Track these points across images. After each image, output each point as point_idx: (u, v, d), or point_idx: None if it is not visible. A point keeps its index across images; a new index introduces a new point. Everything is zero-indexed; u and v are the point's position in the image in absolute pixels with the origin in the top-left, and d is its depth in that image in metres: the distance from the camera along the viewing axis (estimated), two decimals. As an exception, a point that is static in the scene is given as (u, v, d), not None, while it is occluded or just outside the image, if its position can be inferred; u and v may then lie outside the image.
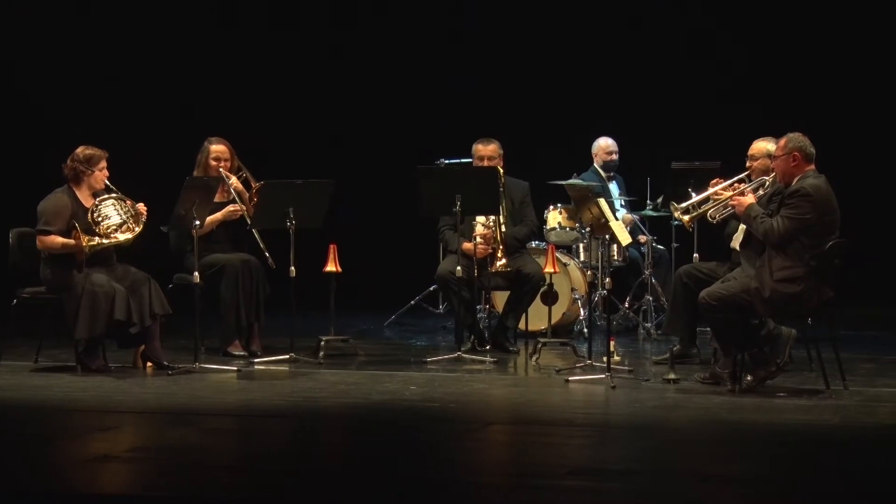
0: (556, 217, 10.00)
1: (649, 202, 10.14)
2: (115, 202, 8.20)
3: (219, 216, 8.86)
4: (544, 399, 7.57)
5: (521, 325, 9.31)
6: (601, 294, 9.92)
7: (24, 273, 8.40)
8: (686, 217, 8.16)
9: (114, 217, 8.17)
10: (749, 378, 7.44)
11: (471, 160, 9.47)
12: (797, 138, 7.48)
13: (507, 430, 6.87)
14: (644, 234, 10.27)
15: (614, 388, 7.63)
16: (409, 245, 11.13)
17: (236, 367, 8.31)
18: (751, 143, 8.22)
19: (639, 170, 10.44)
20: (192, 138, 9.16)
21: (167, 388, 7.70)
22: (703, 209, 8.10)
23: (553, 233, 10.00)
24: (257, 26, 12.46)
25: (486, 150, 9.25)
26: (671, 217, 9.14)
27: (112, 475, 5.65)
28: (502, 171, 9.04)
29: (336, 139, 12.34)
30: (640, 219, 10.37)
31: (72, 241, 8.05)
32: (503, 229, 9.03)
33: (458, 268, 8.85)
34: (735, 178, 8.12)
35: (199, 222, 8.29)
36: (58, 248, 8.11)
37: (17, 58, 12.16)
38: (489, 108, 11.61)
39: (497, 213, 8.95)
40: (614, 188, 10.57)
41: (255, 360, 8.58)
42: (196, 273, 8.26)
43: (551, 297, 9.24)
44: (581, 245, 10.09)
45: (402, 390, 7.64)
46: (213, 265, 8.71)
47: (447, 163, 10.29)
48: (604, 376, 7.83)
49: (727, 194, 7.96)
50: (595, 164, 10.60)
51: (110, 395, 7.45)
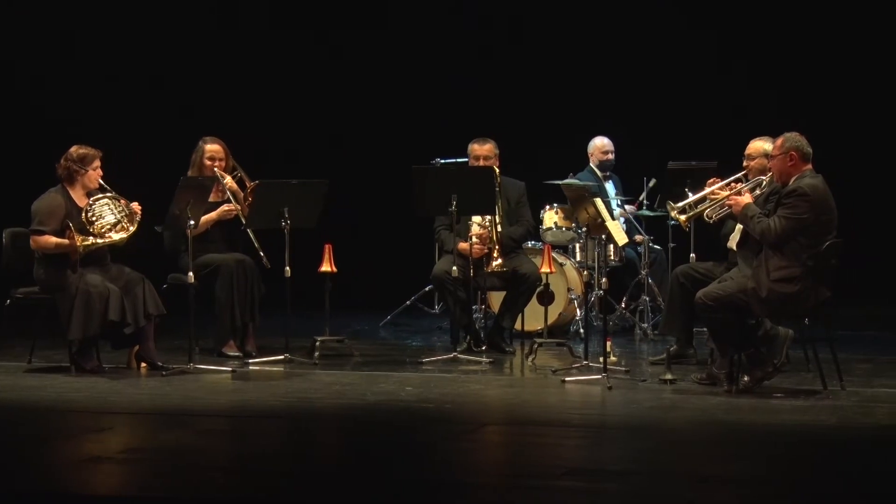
0: (552, 217, 9.97)
1: (647, 189, 10.13)
2: (110, 202, 8.17)
3: (213, 216, 8.83)
4: (540, 400, 7.55)
5: (518, 326, 9.30)
6: (597, 294, 9.86)
7: (17, 273, 8.39)
8: (683, 217, 8.16)
9: (108, 217, 8.14)
10: (746, 378, 7.43)
11: (466, 160, 9.44)
12: (794, 138, 7.46)
13: (504, 430, 6.86)
14: (640, 234, 10.25)
15: (611, 388, 7.62)
16: (404, 245, 11.11)
17: (231, 368, 8.29)
18: (748, 143, 8.20)
19: (636, 169, 10.41)
20: (186, 138, 9.13)
21: (161, 388, 7.69)
22: (699, 209, 8.10)
23: (549, 233, 9.97)
24: (255, 26, 12.42)
25: (482, 150, 9.23)
26: (668, 217, 9.12)
27: (106, 476, 5.64)
28: (498, 170, 9.02)
29: (331, 139, 12.31)
30: (636, 217, 10.34)
31: (66, 241, 8.02)
32: (499, 229, 9.01)
33: (454, 268, 8.82)
34: (732, 178, 8.10)
35: (193, 222, 8.26)
36: (52, 248, 8.09)
37: (16, 58, 12.11)
38: (485, 107, 11.58)
39: (493, 213, 8.93)
40: (610, 188, 10.54)
41: (250, 361, 8.55)
42: (190, 273, 8.25)
43: (547, 298, 9.22)
44: (577, 245, 10.06)
45: (398, 391, 7.62)
46: (208, 265, 8.69)
47: (443, 162, 10.27)
48: (600, 377, 7.81)
49: (724, 194, 7.95)
50: (591, 164, 10.58)
51: (104, 396, 7.44)
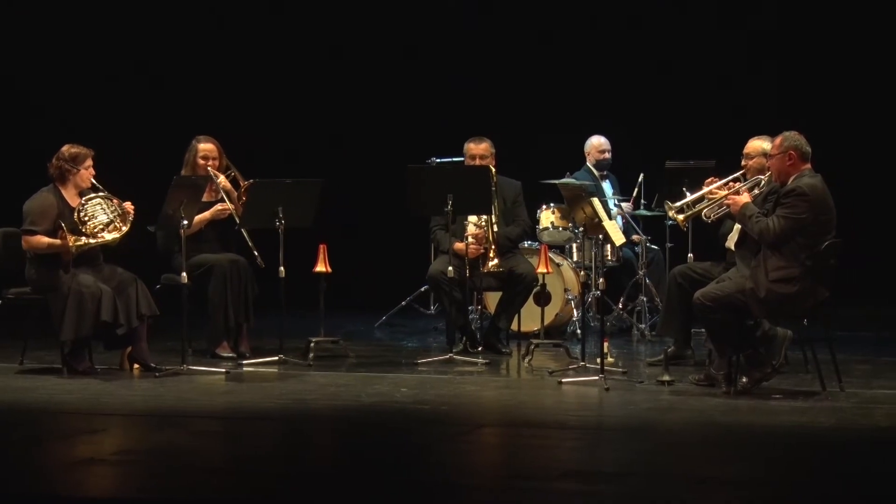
0: (548, 217, 9.94)
1: (638, 185, 10.07)
2: (102, 201, 8.12)
3: (207, 215, 8.80)
4: (537, 401, 7.52)
5: (514, 327, 9.27)
6: (595, 295, 9.88)
7: (9, 273, 8.37)
8: (681, 216, 8.12)
9: (100, 216, 8.09)
10: (744, 380, 7.40)
11: (462, 159, 9.41)
12: (793, 137, 7.42)
13: (500, 432, 6.83)
14: (638, 234, 10.21)
15: (608, 389, 7.58)
16: (400, 245, 11.08)
17: (224, 369, 8.26)
18: (746, 142, 8.17)
19: (633, 169, 10.37)
20: (180, 136, 9.09)
21: (154, 390, 7.65)
22: (697, 208, 8.06)
23: (546, 233, 9.94)
24: (251, 24, 12.39)
25: (478, 149, 9.19)
26: (665, 216, 9.09)
27: (99, 478, 5.61)
28: (494, 170, 8.99)
29: (326, 139, 12.29)
30: (634, 217, 10.30)
31: (58, 241, 7.98)
32: (495, 229, 8.99)
33: (450, 268, 8.78)
34: (730, 177, 8.07)
35: (186, 222, 8.22)
36: (44, 249, 8.05)
37: (4, 56, 12.07)
38: (481, 106, 11.56)
39: (489, 213, 8.90)
40: (607, 187, 10.51)
41: (244, 362, 8.52)
42: (184, 273, 8.20)
43: (544, 298, 9.18)
44: (574, 245, 10.04)
45: (393, 392, 7.59)
46: (201, 265, 8.64)
47: (438, 161, 10.23)
48: (597, 378, 7.78)
49: (722, 193, 7.92)
50: (588, 163, 10.55)
51: (97, 398, 7.41)
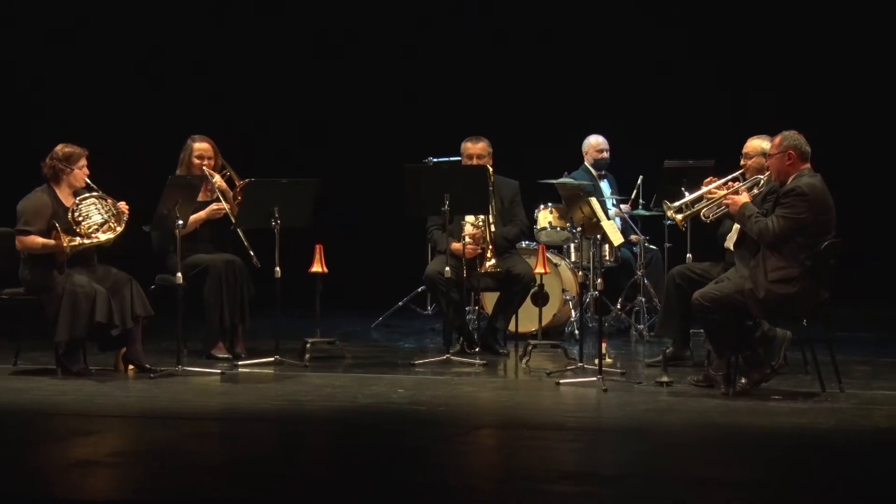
0: (546, 217, 9.92)
1: (637, 187, 10.04)
2: (97, 201, 8.09)
3: (202, 215, 8.77)
4: (534, 402, 7.50)
5: (511, 327, 9.28)
6: (593, 295, 9.85)
7: (2, 274, 8.33)
8: (679, 216, 8.10)
9: (95, 216, 8.06)
10: (743, 380, 7.38)
11: (460, 158, 9.38)
12: (792, 136, 7.40)
13: (497, 433, 6.81)
14: (636, 234, 10.18)
15: (606, 390, 7.57)
16: (396, 245, 11.06)
17: (220, 370, 8.23)
18: (745, 141, 8.14)
19: (631, 168, 10.34)
20: (175, 136, 9.05)
21: (149, 391, 7.63)
22: (696, 208, 8.05)
23: (543, 233, 9.92)
24: (246, 22, 12.36)
25: (476, 149, 9.17)
26: (664, 216, 9.06)
27: (94, 480, 5.60)
28: (492, 169, 8.97)
29: (323, 138, 12.26)
30: (632, 217, 10.27)
31: (52, 242, 7.96)
32: (493, 229, 8.97)
33: (447, 268, 8.77)
34: (729, 177, 8.05)
35: (181, 222, 8.19)
36: (38, 249, 8.02)
37: (14, 57, 12.07)
38: (479, 105, 11.53)
39: (486, 213, 8.88)
40: (605, 187, 10.48)
41: (239, 363, 8.49)
42: (179, 274, 8.18)
43: (542, 299, 9.15)
44: (572, 245, 10.02)
45: (390, 393, 7.57)
46: (197, 265, 8.62)
47: (436, 161, 10.20)
48: (595, 379, 7.77)
49: (721, 193, 7.90)
50: (586, 163, 10.53)
51: (91, 399, 7.39)
